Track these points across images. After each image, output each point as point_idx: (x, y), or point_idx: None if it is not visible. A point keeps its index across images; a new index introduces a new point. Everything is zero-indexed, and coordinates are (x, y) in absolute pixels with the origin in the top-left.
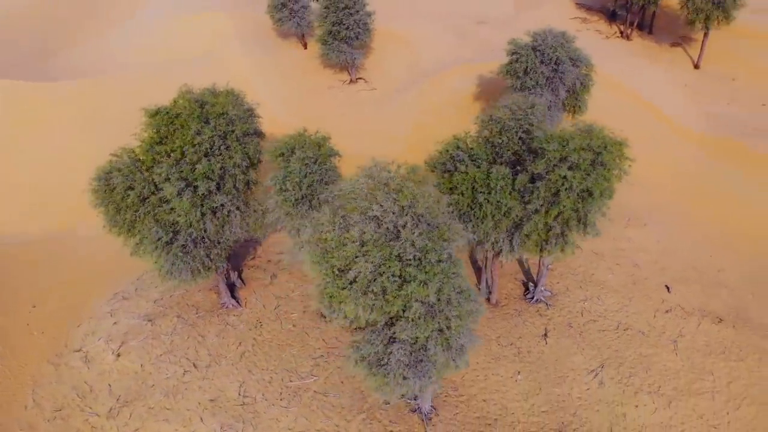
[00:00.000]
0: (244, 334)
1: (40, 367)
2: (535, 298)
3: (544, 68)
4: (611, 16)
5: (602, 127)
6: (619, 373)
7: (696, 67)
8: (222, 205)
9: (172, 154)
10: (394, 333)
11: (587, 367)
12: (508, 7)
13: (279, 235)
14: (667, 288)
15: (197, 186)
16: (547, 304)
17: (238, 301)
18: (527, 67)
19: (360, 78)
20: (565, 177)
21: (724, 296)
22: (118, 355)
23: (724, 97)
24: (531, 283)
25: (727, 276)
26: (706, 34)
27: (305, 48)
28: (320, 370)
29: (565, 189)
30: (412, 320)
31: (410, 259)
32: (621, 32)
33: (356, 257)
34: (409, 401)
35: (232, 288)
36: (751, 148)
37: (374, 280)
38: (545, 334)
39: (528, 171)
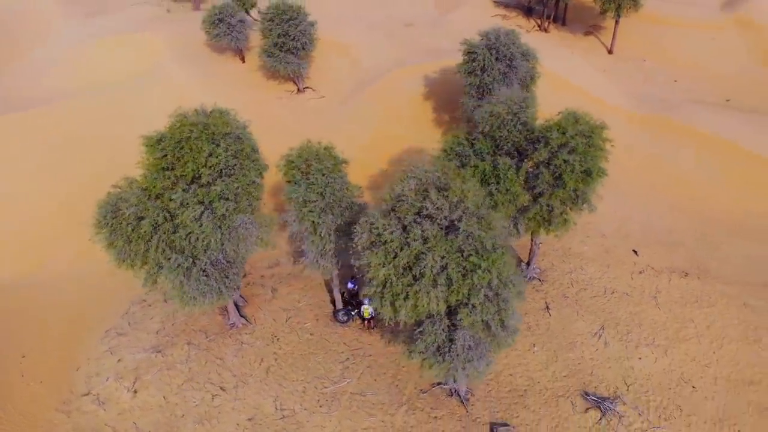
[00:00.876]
0: (263, 350)
1: (49, 417)
2: (528, 276)
3: (500, 65)
4: (528, 12)
5: (585, 113)
6: (618, 332)
7: (610, 52)
8: (241, 224)
9: (182, 178)
10: (458, 320)
11: (590, 331)
12: (430, 9)
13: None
14: (635, 252)
15: (215, 208)
16: (540, 280)
17: (246, 319)
18: (485, 65)
19: (307, 87)
20: (566, 161)
21: (683, 253)
22: (135, 392)
23: (640, 78)
24: (523, 263)
25: (680, 236)
26: (617, 22)
27: (243, 62)
28: (350, 372)
29: (569, 172)
30: (477, 305)
31: (471, 250)
32: (539, 26)
33: (422, 253)
34: (444, 387)
35: (236, 307)
36: (677, 120)
37: (440, 273)
38: (547, 307)
39: (532, 159)
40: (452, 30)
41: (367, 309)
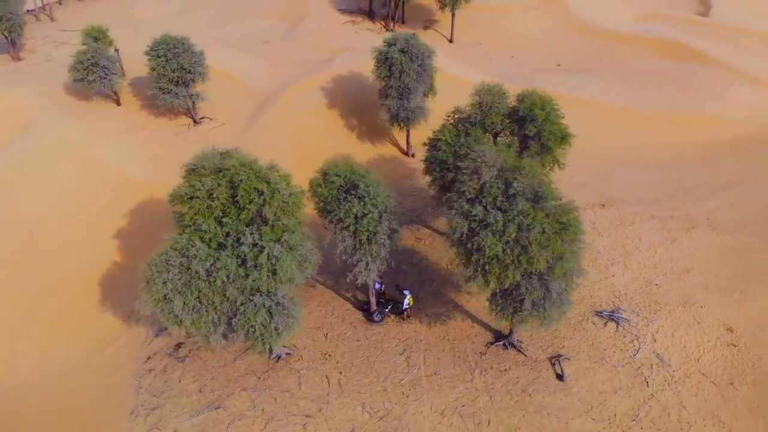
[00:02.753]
0: (323, 369)
1: None
2: None
3: (414, 65)
4: (370, 15)
5: (541, 91)
6: (588, 261)
7: (450, 41)
8: (306, 251)
9: (239, 221)
10: (550, 273)
11: None
12: (275, 23)
13: None
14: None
15: (285, 241)
16: None
17: (288, 348)
18: (402, 67)
19: (203, 117)
20: (551, 131)
21: (590, 190)
22: None
23: (485, 59)
24: None
25: (581, 177)
26: (453, 14)
27: (119, 105)
28: (414, 359)
29: (553, 140)
30: (569, 257)
31: (559, 213)
32: (385, 26)
33: (528, 225)
34: (498, 344)
35: None
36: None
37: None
38: None
39: (522, 134)
40: (312, 41)
41: (411, 299)
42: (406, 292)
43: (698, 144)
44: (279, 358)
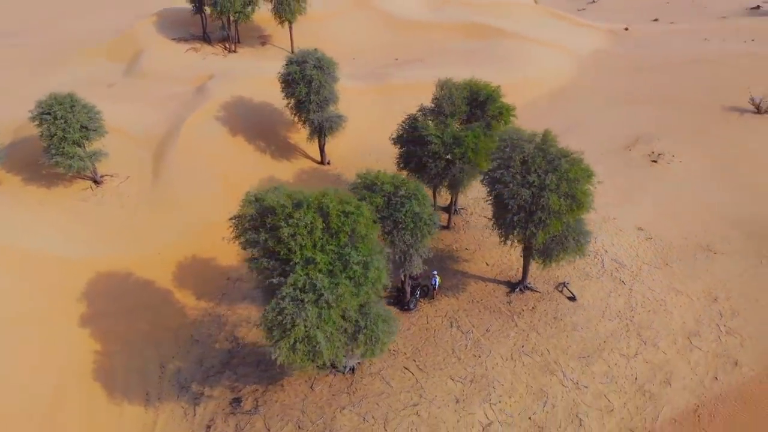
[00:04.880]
0: (397, 364)
1: None
2: (454, 210)
3: (327, 77)
4: (207, 39)
5: (480, 80)
6: None
7: (292, 53)
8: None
9: (339, 244)
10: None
11: None
12: (105, 65)
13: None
14: None
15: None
16: (462, 209)
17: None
18: (320, 82)
19: (104, 176)
20: (506, 108)
21: None
22: None
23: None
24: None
25: None
26: (291, 27)
27: None
28: (464, 326)
29: (507, 116)
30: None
31: (581, 163)
32: (227, 48)
33: (573, 179)
34: (516, 290)
35: None
36: (395, 82)
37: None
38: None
39: (485, 117)
40: (163, 75)
41: (440, 279)
42: (434, 272)
43: (529, 102)
44: (353, 369)
